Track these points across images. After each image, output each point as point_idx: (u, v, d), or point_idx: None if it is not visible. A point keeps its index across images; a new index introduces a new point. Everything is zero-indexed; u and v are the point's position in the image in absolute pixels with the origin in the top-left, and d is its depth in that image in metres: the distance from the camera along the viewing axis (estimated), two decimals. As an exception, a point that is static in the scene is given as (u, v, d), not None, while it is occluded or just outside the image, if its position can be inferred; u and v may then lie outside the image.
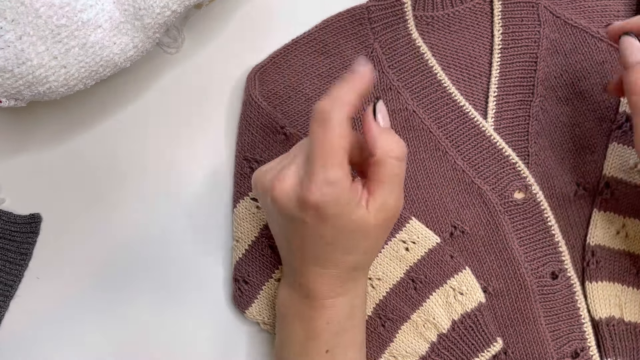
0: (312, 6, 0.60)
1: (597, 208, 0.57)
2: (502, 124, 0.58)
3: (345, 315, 0.51)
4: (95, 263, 0.60)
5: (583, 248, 0.57)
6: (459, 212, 0.57)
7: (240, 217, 0.59)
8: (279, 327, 0.54)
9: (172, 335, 0.59)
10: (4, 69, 0.50)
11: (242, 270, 0.58)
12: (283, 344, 0.53)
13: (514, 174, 0.57)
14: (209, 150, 0.61)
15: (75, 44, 0.50)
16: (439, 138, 0.58)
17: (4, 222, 0.60)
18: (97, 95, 0.61)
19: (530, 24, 0.58)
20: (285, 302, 0.53)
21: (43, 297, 0.60)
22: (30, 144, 0.62)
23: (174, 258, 0.60)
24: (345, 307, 0.51)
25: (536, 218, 0.57)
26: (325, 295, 0.50)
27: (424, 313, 0.56)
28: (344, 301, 0.51)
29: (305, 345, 0.51)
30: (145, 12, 0.51)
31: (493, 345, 0.55)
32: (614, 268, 0.56)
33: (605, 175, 0.57)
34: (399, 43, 0.59)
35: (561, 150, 0.58)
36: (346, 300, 0.51)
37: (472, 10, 0.59)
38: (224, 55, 0.62)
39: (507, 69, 0.59)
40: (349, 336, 0.51)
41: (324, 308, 0.50)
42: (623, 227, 0.57)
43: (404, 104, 0.59)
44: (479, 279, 0.57)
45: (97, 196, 0.61)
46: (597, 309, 0.56)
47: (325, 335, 0.50)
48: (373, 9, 0.59)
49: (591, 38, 0.59)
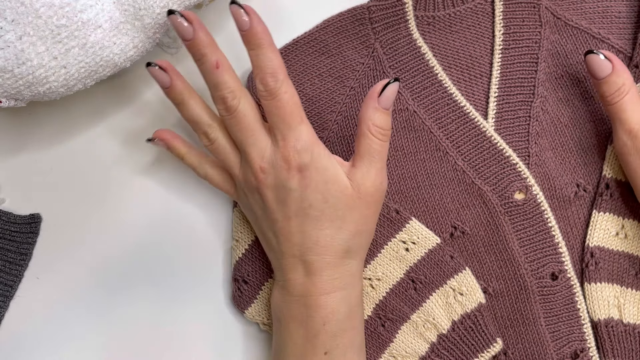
0: (312, 6, 0.60)
1: (596, 209, 0.57)
2: (503, 124, 0.58)
3: (342, 316, 0.51)
4: (95, 263, 0.60)
5: (583, 249, 0.57)
6: (459, 213, 0.57)
7: (240, 217, 0.59)
8: (275, 331, 0.54)
9: (171, 336, 0.59)
10: (4, 69, 0.50)
11: (241, 271, 0.58)
12: (280, 348, 0.53)
13: (515, 174, 0.57)
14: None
15: (75, 44, 0.50)
16: (439, 138, 0.58)
17: (4, 222, 0.60)
18: (97, 95, 0.61)
19: (532, 24, 0.58)
20: (279, 304, 0.53)
21: (43, 297, 0.60)
22: (30, 144, 0.62)
23: (173, 258, 0.60)
24: (342, 306, 0.50)
25: (536, 219, 0.57)
26: (319, 290, 0.50)
27: (423, 313, 0.56)
28: (339, 299, 0.50)
29: (303, 348, 0.50)
30: (145, 12, 0.51)
31: (493, 346, 0.55)
32: (613, 269, 0.56)
33: (604, 176, 0.57)
34: (400, 43, 0.59)
35: (562, 151, 0.58)
36: (342, 298, 0.50)
37: (474, 10, 0.59)
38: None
39: (508, 69, 0.59)
40: (348, 337, 0.51)
41: (319, 307, 0.50)
42: (622, 229, 0.57)
43: (404, 104, 0.59)
44: (479, 279, 0.57)
45: (97, 196, 0.61)
46: (596, 310, 0.56)
47: (322, 336, 0.50)
48: (374, 9, 0.58)
49: (592, 39, 0.58)
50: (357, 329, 0.52)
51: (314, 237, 0.50)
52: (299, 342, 0.51)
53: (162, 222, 0.61)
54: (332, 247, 0.50)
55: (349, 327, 0.51)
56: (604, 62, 0.52)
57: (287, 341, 0.52)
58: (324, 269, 0.50)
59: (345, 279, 0.51)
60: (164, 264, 0.60)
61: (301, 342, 0.50)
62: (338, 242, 0.50)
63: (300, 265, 0.51)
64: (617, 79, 0.52)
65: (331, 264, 0.50)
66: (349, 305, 0.51)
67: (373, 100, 0.50)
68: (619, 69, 0.52)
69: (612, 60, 0.53)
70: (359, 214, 0.51)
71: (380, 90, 0.50)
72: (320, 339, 0.50)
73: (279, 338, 0.53)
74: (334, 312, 0.50)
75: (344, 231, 0.51)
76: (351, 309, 0.51)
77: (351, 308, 0.51)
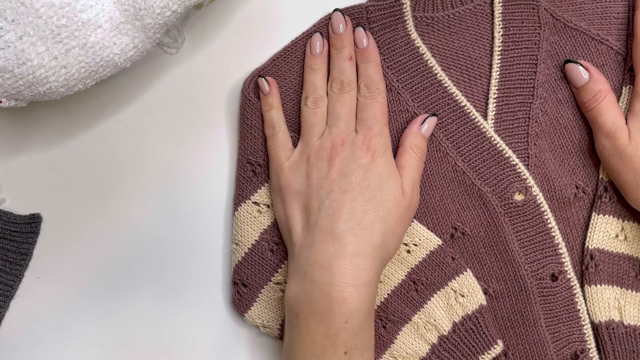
0: (311, 6, 0.60)
1: (596, 211, 0.57)
2: (502, 125, 0.58)
3: (364, 315, 0.50)
4: (95, 263, 0.60)
5: (582, 251, 0.57)
6: (460, 214, 0.57)
7: (240, 221, 0.58)
8: (290, 327, 0.52)
9: (171, 338, 0.59)
10: (4, 69, 0.50)
11: (241, 274, 0.58)
12: (294, 346, 0.51)
13: (515, 175, 0.57)
14: (209, 151, 0.61)
15: (76, 44, 0.50)
16: (439, 139, 0.58)
17: (4, 222, 0.60)
18: (97, 95, 0.61)
19: (531, 26, 0.58)
20: (297, 297, 0.51)
21: (43, 297, 0.60)
22: (30, 144, 0.62)
23: (173, 260, 0.60)
24: (365, 304, 0.50)
25: (536, 220, 0.57)
26: (346, 279, 0.49)
27: (424, 315, 0.56)
28: (364, 296, 0.50)
29: (322, 346, 0.49)
30: (145, 12, 0.51)
31: (493, 348, 0.55)
32: (613, 271, 0.56)
33: (603, 178, 0.57)
34: (398, 43, 0.59)
35: (561, 153, 0.58)
36: (367, 295, 0.50)
37: (473, 11, 0.59)
38: (224, 56, 0.62)
39: (507, 71, 0.58)
40: (366, 338, 0.51)
41: (344, 301, 0.49)
42: (622, 231, 0.57)
43: (404, 105, 0.59)
44: (479, 280, 0.56)
45: (97, 196, 0.61)
46: (597, 312, 0.56)
47: (343, 334, 0.49)
48: (372, 9, 0.58)
49: (591, 40, 0.58)
50: (372, 331, 0.52)
51: (359, 216, 0.52)
52: (319, 340, 0.49)
53: (162, 224, 0.61)
54: (370, 233, 0.52)
55: (367, 327, 0.51)
56: (582, 71, 0.57)
57: (304, 338, 0.50)
58: (357, 254, 0.50)
59: (371, 274, 0.50)
60: (163, 265, 0.60)
61: (321, 341, 0.49)
62: (377, 230, 0.52)
63: (333, 245, 0.51)
64: (594, 86, 0.56)
65: (364, 251, 0.51)
66: (370, 305, 0.51)
67: (417, 126, 0.57)
68: (596, 77, 0.56)
69: (589, 69, 0.57)
70: (400, 213, 0.54)
71: (422, 121, 0.57)
72: (342, 337, 0.49)
73: (295, 335, 0.51)
74: (357, 309, 0.49)
75: (385, 223, 0.53)
76: (370, 308, 0.51)
77: (371, 308, 0.51)
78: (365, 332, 0.50)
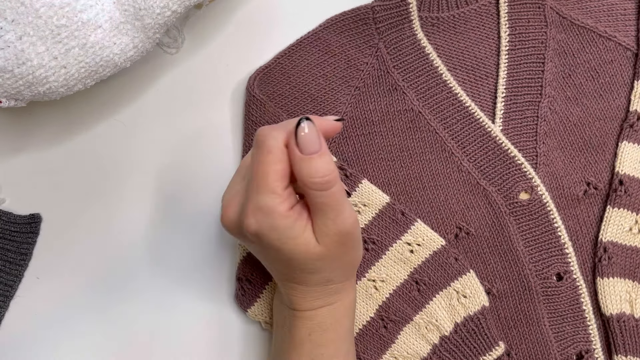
0: (315, 6, 0.60)
1: (610, 204, 0.57)
2: (511, 125, 0.58)
3: (327, 327, 0.51)
4: (96, 263, 0.60)
5: (594, 245, 0.57)
6: (464, 214, 0.57)
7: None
8: (273, 334, 0.55)
9: (173, 334, 0.59)
10: (4, 69, 0.50)
11: (245, 270, 0.58)
12: (275, 351, 0.54)
13: (520, 175, 0.57)
14: (210, 150, 0.61)
15: (75, 44, 0.50)
16: (444, 139, 0.58)
17: (4, 222, 0.60)
18: (97, 95, 0.62)
19: (537, 25, 0.58)
20: (276, 310, 0.54)
21: (43, 297, 0.60)
22: (30, 144, 0.62)
23: (176, 258, 0.60)
24: (327, 319, 0.51)
25: (542, 219, 0.57)
26: (304, 307, 0.50)
27: (426, 315, 0.56)
28: (326, 313, 0.51)
29: (289, 354, 0.51)
30: (145, 12, 0.51)
31: (495, 349, 0.55)
32: (626, 264, 0.56)
33: (618, 172, 0.57)
34: (404, 43, 0.59)
35: (571, 150, 0.58)
36: (328, 312, 0.51)
37: (478, 11, 0.59)
38: (225, 56, 0.62)
39: (514, 70, 0.59)
40: (333, 347, 0.51)
41: (304, 319, 0.51)
42: (636, 224, 0.57)
43: (409, 104, 0.59)
44: (483, 280, 0.56)
45: (97, 196, 0.61)
46: (608, 305, 0.56)
47: (307, 345, 0.50)
48: (378, 8, 0.59)
49: (598, 37, 0.59)
50: (343, 338, 0.52)
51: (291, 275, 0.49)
52: (285, 348, 0.51)
53: (163, 221, 0.61)
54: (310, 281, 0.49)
55: (334, 338, 0.51)
56: None
57: (277, 346, 0.53)
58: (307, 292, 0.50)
59: (328, 299, 0.51)
60: (165, 263, 0.60)
61: (287, 348, 0.51)
62: (317, 280, 0.49)
63: (287, 287, 0.51)
64: None
65: (315, 291, 0.50)
66: (335, 317, 0.51)
67: (294, 150, 0.43)
68: None
69: None
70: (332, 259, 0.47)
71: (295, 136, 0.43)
72: (306, 348, 0.51)
73: (274, 341, 0.54)
74: (319, 324, 0.51)
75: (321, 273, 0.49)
76: (337, 320, 0.51)
77: (337, 319, 0.51)
78: (331, 342, 0.51)
